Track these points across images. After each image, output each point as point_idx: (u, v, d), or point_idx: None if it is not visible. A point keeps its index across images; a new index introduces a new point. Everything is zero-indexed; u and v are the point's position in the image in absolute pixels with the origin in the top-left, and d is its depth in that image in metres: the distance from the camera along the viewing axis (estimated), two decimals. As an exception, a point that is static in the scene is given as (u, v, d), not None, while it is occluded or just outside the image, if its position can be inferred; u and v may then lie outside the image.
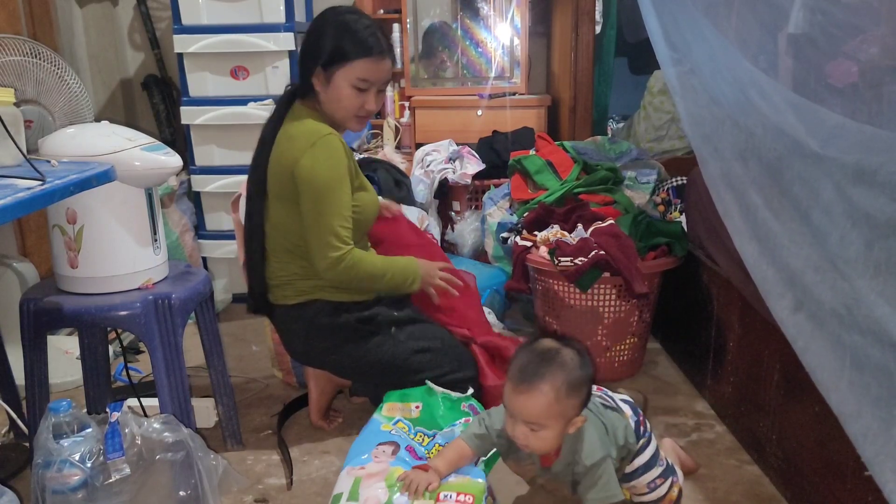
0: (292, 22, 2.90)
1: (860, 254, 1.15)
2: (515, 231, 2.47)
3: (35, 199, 1.26)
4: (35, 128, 1.84)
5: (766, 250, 1.46)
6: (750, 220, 1.52)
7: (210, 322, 1.91)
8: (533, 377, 1.37)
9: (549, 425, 1.39)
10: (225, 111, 2.92)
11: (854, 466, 1.40)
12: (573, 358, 1.41)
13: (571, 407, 1.39)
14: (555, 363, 1.39)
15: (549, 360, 1.39)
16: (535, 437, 1.40)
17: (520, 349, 1.46)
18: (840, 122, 1.33)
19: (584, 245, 2.19)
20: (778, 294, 1.39)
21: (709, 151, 1.73)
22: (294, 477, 1.84)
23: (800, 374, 1.61)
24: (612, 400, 1.59)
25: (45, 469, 1.42)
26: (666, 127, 3.39)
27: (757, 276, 1.49)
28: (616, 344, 2.31)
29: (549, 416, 1.38)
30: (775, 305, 1.40)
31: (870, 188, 1.16)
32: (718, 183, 1.68)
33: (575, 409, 1.41)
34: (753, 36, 1.76)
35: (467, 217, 3.03)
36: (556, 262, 2.20)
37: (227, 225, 3.06)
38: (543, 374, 1.37)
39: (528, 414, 1.38)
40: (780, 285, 1.39)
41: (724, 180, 1.65)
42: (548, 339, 1.45)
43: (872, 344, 1.11)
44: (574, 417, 1.41)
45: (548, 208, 2.47)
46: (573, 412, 1.41)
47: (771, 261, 1.43)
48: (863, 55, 1.56)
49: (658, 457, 1.59)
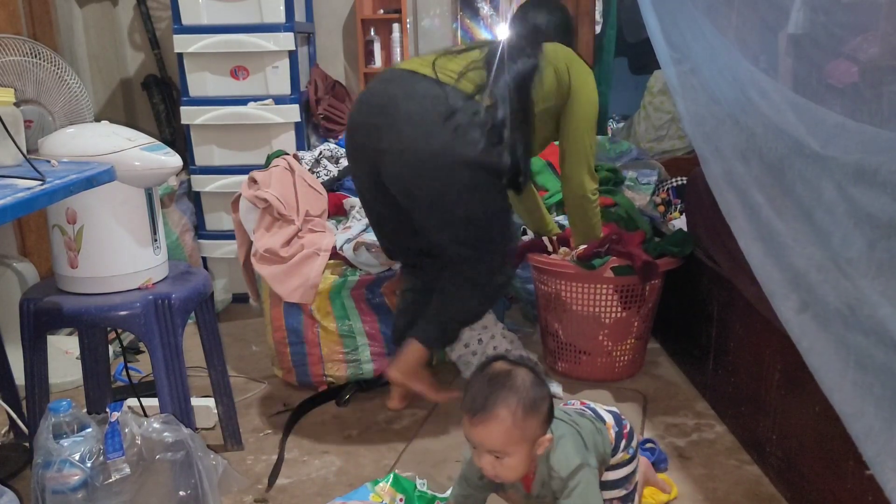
0: (292, 22, 2.90)
1: (863, 254, 1.15)
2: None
3: (35, 199, 1.26)
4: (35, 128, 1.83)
5: (770, 251, 1.45)
6: (754, 221, 1.52)
7: (210, 322, 1.91)
8: (486, 405, 1.32)
9: (513, 451, 1.33)
10: (225, 111, 2.92)
11: (854, 466, 1.40)
12: (525, 378, 1.35)
13: (533, 428, 1.33)
14: (506, 387, 1.33)
15: (501, 384, 1.34)
16: (501, 465, 1.34)
17: (472, 376, 1.41)
18: (840, 122, 1.33)
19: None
20: (783, 295, 1.38)
21: (710, 151, 1.73)
22: (294, 477, 1.85)
23: (800, 373, 1.61)
24: (595, 412, 1.55)
25: (45, 469, 1.42)
26: (666, 127, 3.39)
27: (762, 276, 1.47)
28: (617, 345, 2.31)
29: (510, 442, 1.32)
30: (780, 306, 1.39)
31: (871, 188, 1.16)
32: (721, 183, 1.67)
33: (537, 430, 1.35)
34: (753, 36, 1.76)
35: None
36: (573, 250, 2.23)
37: (227, 225, 3.07)
38: (496, 401, 1.32)
39: (489, 443, 1.33)
40: (785, 286, 1.38)
41: (726, 180, 1.65)
42: (498, 363, 1.39)
43: (875, 344, 1.10)
44: (539, 437, 1.35)
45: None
46: (537, 432, 1.35)
47: (776, 261, 1.42)
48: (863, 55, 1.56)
49: (628, 481, 1.54)
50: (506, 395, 1.33)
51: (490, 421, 1.32)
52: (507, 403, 1.32)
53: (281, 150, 2.79)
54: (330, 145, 2.99)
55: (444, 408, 2.16)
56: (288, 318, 2.28)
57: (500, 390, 1.33)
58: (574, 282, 2.24)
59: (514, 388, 1.33)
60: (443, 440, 2.01)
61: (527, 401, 1.33)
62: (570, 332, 2.32)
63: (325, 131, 3.20)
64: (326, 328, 2.26)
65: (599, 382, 2.32)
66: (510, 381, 1.34)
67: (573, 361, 2.36)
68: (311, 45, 3.36)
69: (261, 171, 2.46)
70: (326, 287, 2.26)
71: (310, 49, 3.35)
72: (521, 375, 1.35)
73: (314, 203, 2.35)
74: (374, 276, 2.28)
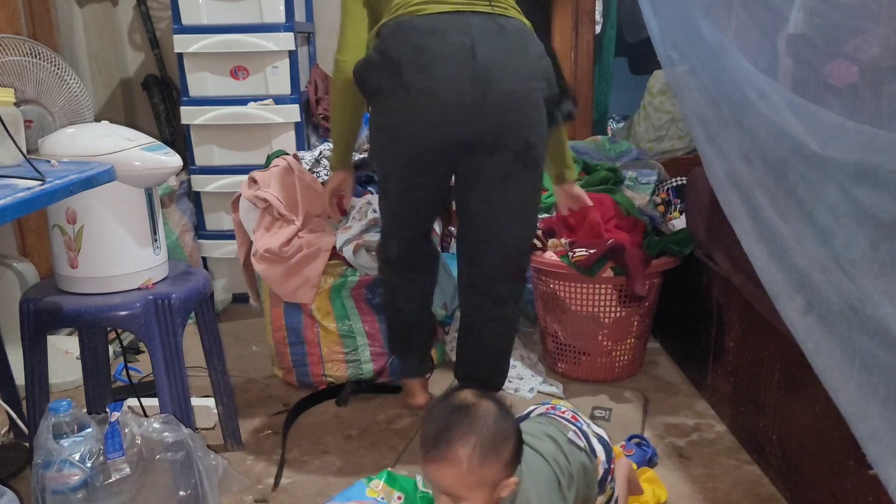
0: (292, 22, 2.90)
1: (866, 254, 1.15)
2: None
3: (35, 199, 1.26)
4: (35, 128, 1.83)
5: (774, 253, 1.44)
6: (757, 223, 1.51)
7: (210, 322, 1.91)
8: (440, 443, 1.20)
9: (470, 496, 1.20)
10: (225, 111, 2.92)
11: (855, 466, 1.40)
12: (489, 414, 1.22)
13: (492, 473, 1.20)
14: (464, 424, 1.20)
15: (459, 420, 1.21)
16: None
17: (434, 405, 1.29)
18: (839, 123, 1.33)
19: (600, 241, 2.20)
20: (788, 297, 1.37)
21: (713, 152, 1.72)
22: (294, 477, 1.85)
23: (800, 374, 1.61)
24: (587, 438, 1.43)
25: (45, 469, 1.42)
26: (666, 127, 3.39)
27: (766, 279, 1.46)
28: (617, 345, 2.31)
29: (465, 487, 1.20)
30: (785, 308, 1.38)
31: (872, 189, 1.16)
32: (724, 184, 1.66)
33: (498, 473, 1.21)
34: (753, 36, 1.76)
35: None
36: (571, 253, 2.20)
37: (227, 225, 3.06)
38: (451, 440, 1.19)
39: (442, 485, 1.22)
40: (790, 288, 1.37)
41: (730, 182, 1.64)
42: (464, 392, 1.26)
43: (879, 345, 1.10)
44: (502, 480, 1.22)
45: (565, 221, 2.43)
46: (498, 475, 1.21)
47: (779, 263, 1.41)
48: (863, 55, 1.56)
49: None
50: (463, 433, 1.20)
51: (443, 462, 1.20)
52: (464, 443, 1.19)
53: (281, 150, 2.78)
54: (330, 145, 2.99)
55: (444, 408, 2.16)
56: (288, 318, 2.29)
57: (458, 427, 1.21)
58: (573, 282, 2.24)
59: (473, 427, 1.21)
60: (443, 440, 2.01)
61: (486, 443, 1.20)
62: (570, 333, 2.32)
63: (325, 131, 3.20)
64: (326, 328, 2.26)
65: (599, 383, 2.32)
66: (469, 418, 1.22)
67: (573, 362, 2.36)
68: (311, 45, 3.36)
69: (261, 171, 2.46)
70: (326, 287, 2.27)
71: (310, 49, 3.35)
72: (483, 409, 1.23)
73: (314, 203, 2.35)
74: (374, 276, 2.28)
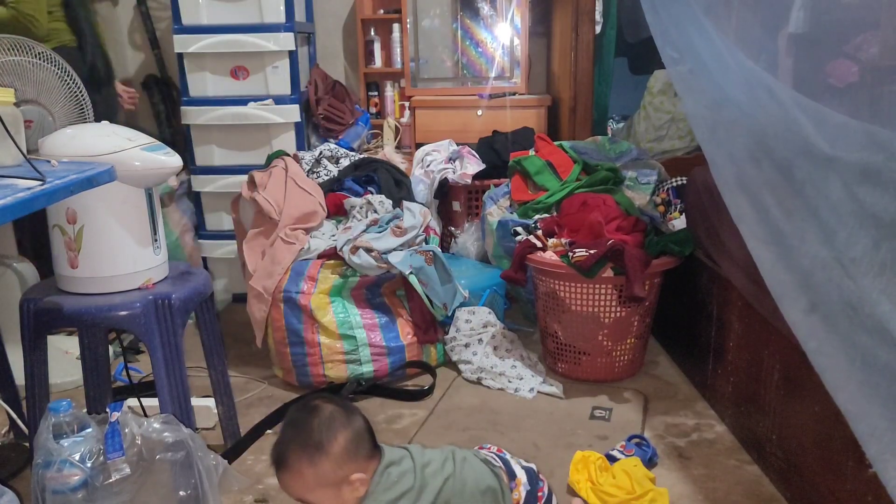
0: (292, 22, 2.90)
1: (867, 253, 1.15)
2: (528, 230, 2.44)
3: (35, 198, 1.26)
4: (35, 128, 1.83)
5: (780, 254, 1.43)
6: (763, 224, 1.50)
7: (210, 322, 1.91)
8: (275, 455, 1.29)
9: (317, 498, 1.28)
10: (225, 111, 2.92)
11: (854, 466, 1.40)
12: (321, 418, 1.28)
13: (326, 471, 1.26)
14: (289, 433, 1.29)
15: (290, 428, 1.29)
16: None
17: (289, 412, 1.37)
18: (844, 122, 1.33)
19: (600, 242, 2.20)
20: (792, 297, 1.37)
21: (718, 153, 1.71)
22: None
23: (800, 374, 1.61)
24: (506, 464, 1.47)
25: (45, 469, 1.42)
26: (666, 127, 3.38)
27: (771, 280, 1.46)
28: (617, 345, 2.31)
29: (307, 490, 1.28)
30: (790, 308, 1.38)
31: (874, 188, 1.16)
32: (731, 185, 1.65)
33: (336, 470, 1.27)
34: (754, 36, 1.76)
35: (467, 228, 3.04)
36: (571, 253, 2.20)
37: (227, 225, 3.07)
38: (285, 449, 1.28)
39: (290, 493, 1.30)
40: (795, 288, 1.36)
41: (736, 182, 1.63)
42: (317, 401, 1.32)
43: (880, 344, 1.10)
44: (347, 477, 1.28)
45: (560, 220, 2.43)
46: (336, 473, 1.27)
47: (785, 264, 1.40)
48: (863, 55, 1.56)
49: None
50: (289, 439, 1.28)
51: (281, 472, 1.29)
52: (293, 449, 1.27)
53: (281, 150, 2.79)
54: (330, 145, 2.99)
55: (445, 407, 2.16)
56: (288, 318, 2.29)
57: (289, 435, 1.29)
58: (573, 282, 2.24)
59: (300, 432, 1.28)
60: (443, 440, 2.01)
61: (308, 444, 1.26)
62: (570, 333, 2.32)
63: (325, 131, 3.20)
64: (326, 328, 2.26)
65: (599, 383, 2.32)
66: (298, 426, 1.29)
67: (573, 362, 2.36)
68: (311, 45, 3.36)
69: (260, 172, 2.46)
70: (327, 287, 2.27)
71: (310, 49, 3.35)
72: (318, 415, 1.28)
73: (300, 205, 2.35)
74: (373, 277, 2.28)
